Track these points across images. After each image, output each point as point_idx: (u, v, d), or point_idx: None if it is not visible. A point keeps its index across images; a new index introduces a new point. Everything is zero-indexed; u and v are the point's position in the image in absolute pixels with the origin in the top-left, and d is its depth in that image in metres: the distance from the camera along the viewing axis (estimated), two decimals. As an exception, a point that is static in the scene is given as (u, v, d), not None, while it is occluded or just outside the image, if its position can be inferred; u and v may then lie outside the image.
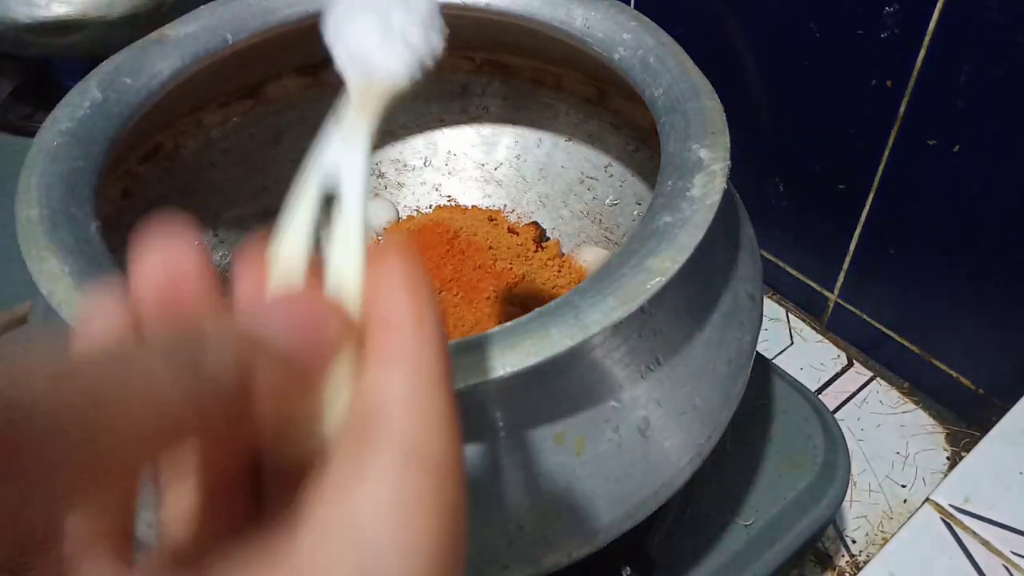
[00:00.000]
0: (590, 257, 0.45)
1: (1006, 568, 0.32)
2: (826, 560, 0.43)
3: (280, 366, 0.12)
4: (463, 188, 0.50)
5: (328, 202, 0.16)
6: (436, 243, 0.43)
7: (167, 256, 0.13)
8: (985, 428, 0.36)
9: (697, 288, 0.29)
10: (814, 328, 0.54)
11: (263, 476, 0.14)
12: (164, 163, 0.43)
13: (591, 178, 0.47)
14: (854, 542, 0.43)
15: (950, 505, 0.34)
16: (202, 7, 0.38)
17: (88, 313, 0.13)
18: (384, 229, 0.48)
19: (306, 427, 0.13)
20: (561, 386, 0.26)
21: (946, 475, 0.36)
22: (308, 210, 0.15)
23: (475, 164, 0.50)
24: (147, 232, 0.14)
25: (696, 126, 0.30)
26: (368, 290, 0.14)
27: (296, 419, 0.13)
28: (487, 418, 0.25)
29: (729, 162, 0.29)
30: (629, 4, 0.50)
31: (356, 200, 0.15)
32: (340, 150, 0.16)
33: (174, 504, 0.13)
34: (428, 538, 0.12)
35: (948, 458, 0.46)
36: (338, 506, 0.12)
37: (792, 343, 0.53)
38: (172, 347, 0.11)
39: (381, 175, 0.50)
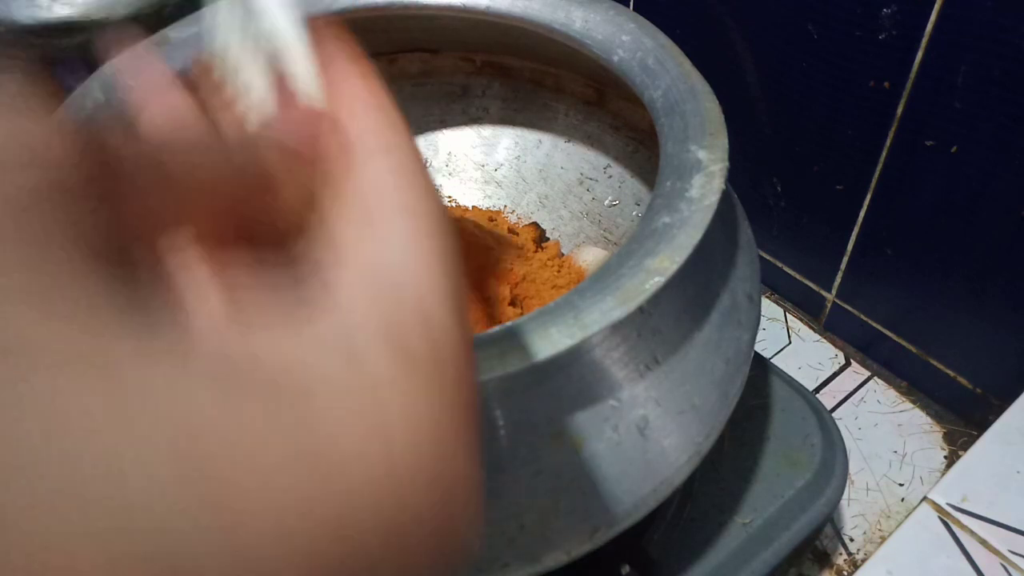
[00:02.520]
0: (589, 257, 0.45)
1: (1003, 567, 0.32)
2: (824, 558, 0.43)
3: (293, 157, 0.15)
4: (463, 189, 0.50)
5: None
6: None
7: (166, 99, 0.16)
8: (983, 427, 0.36)
9: (696, 288, 0.29)
10: (812, 328, 0.54)
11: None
12: (166, 164, 0.43)
13: (590, 179, 0.47)
14: (852, 540, 0.43)
15: (948, 504, 0.34)
16: (204, 10, 0.38)
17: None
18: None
19: (308, 204, 0.15)
20: (560, 385, 0.26)
21: (944, 474, 0.36)
22: (254, 57, 0.17)
23: (475, 165, 0.50)
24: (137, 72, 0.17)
25: (695, 127, 0.30)
26: (329, 89, 0.16)
27: (302, 196, 0.15)
28: (487, 417, 0.25)
29: (727, 163, 0.29)
30: (628, 6, 0.50)
31: (298, 34, 0.17)
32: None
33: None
34: (441, 266, 0.13)
35: (946, 457, 0.47)
36: (357, 252, 0.13)
37: (790, 343, 0.53)
38: (211, 140, 0.14)
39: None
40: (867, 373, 0.51)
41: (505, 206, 0.49)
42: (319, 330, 0.12)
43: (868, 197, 0.46)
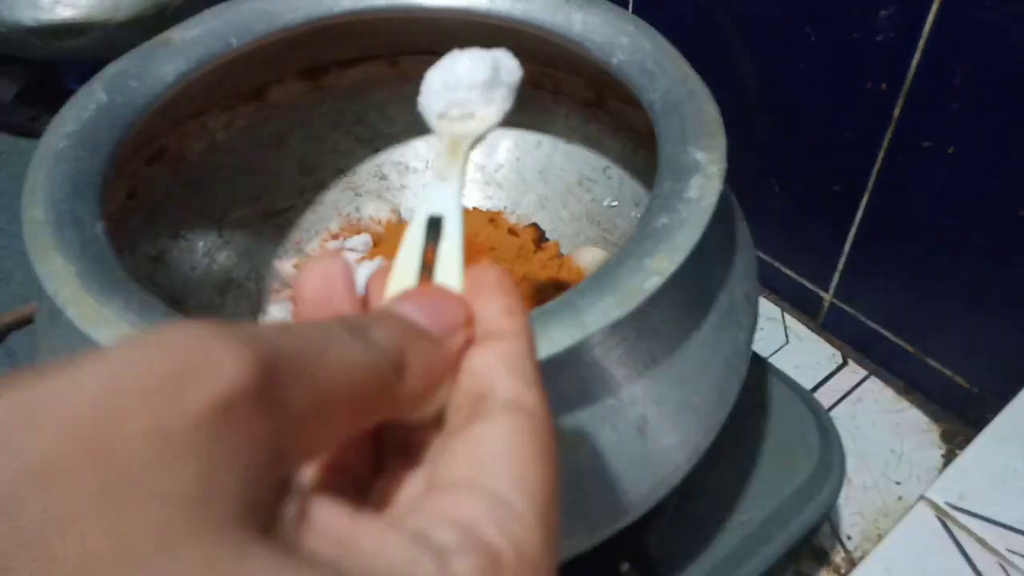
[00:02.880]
0: (589, 258, 0.45)
1: (1001, 566, 0.32)
2: (822, 556, 0.43)
3: (430, 346, 0.15)
4: (464, 190, 0.50)
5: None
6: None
7: (324, 270, 0.17)
8: (980, 426, 0.37)
9: (694, 288, 0.29)
10: (809, 327, 0.54)
11: (381, 443, 0.17)
12: (169, 165, 0.43)
13: (590, 180, 0.48)
14: (850, 538, 0.44)
15: (945, 502, 0.34)
16: (206, 11, 0.38)
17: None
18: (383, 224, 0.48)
19: (437, 398, 0.16)
20: (560, 384, 0.26)
21: (941, 473, 0.36)
22: (416, 239, 0.19)
23: (475, 166, 0.50)
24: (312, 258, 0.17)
25: (693, 129, 0.31)
26: (469, 291, 0.17)
27: (435, 391, 0.15)
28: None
29: (725, 164, 0.29)
30: (627, 9, 0.50)
31: (455, 226, 0.19)
32: (439, 188, 0.20)
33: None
34: (539, 477, 0.14)
35: (943, 456, 0.47)
36: (463, 459, 0.14)
37: (788, 342, 0.53)
38: (352, 325, 0.14)
39: (383, 177, 0.51)
40: (864, 372, 0.51)
41: (505, 207, 0.50)
42: (422, 530, 0.12)
43: (866, 198, 0.46)
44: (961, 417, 0.48)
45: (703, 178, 0.28)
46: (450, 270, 0.18)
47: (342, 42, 0.43)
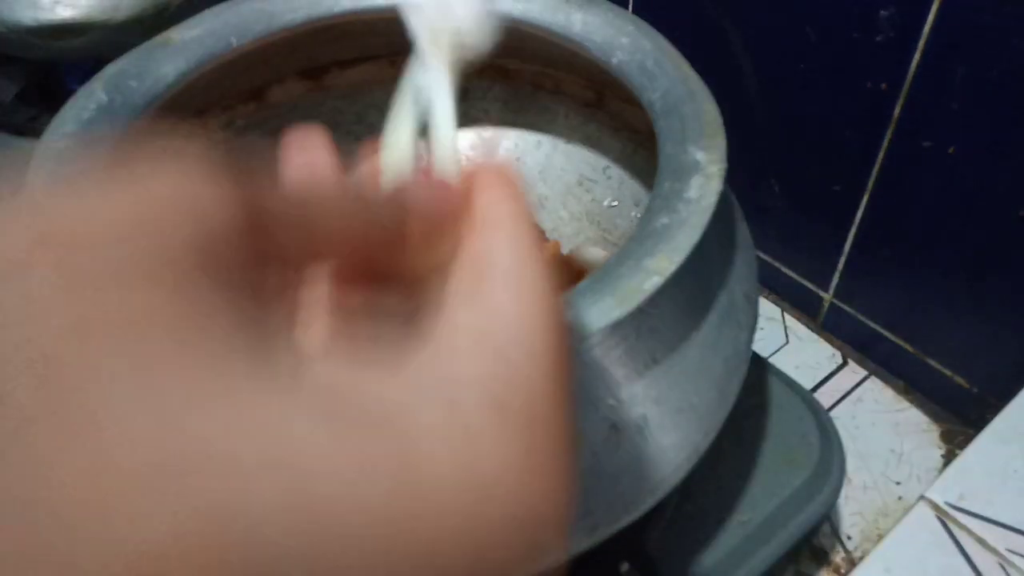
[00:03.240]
0: (589, 258, 0.45)
1: (1001, 565, 0.32)
2: (822, 556, 0.43)
3: (423, 222, 0.16)
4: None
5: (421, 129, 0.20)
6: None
7: (309, 157, 0.18)
8: (980, 426, 0.37)
9: (694, 288, 0.29)
10: (809, 327, 0.54)
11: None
12: (168, 165, 0.43)
13: (590, 180, 0.48)
14: (850, 538, 0.44)
15: (945, 502, 0.34)
16: (206, 11, 0.38)
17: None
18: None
19: (432, 268, 0.16)
20: (560, 384, 0.26)
21: (941, 473, 0.36)
22: (407, 126, 0.19)
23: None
24: (291, 139, 0.18)
25: (693, 129, 0.31)
26: (466, 181, 0.18)
27: (428, 261, 0.16)
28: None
29: (725, 164, 0.29)
30: (627, 9, 0.50)
31: (447, 124, 0.19)
32: (427, 83, 0.20)
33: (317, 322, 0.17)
34: (543, 332, 0.14)
35: (943, 456, 0.47)
36: (464, 312, 0.14)
37: (788, 342, 0.53)
38: (351, 197, 0.15)
39: (382, 177, 0.51)
40: (864, 372, 0.51)
41: (505, 207, 0.49)
42: (424, 378, 0.13)
43: (866, 198, 0.46)
44: (961, 417, 0.48)
45: (703, 178, 0.28)
46: (446, 159, 0.18)
47: (342, 42, 0.43)
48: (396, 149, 0.19)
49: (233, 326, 0.12)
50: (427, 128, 0.20)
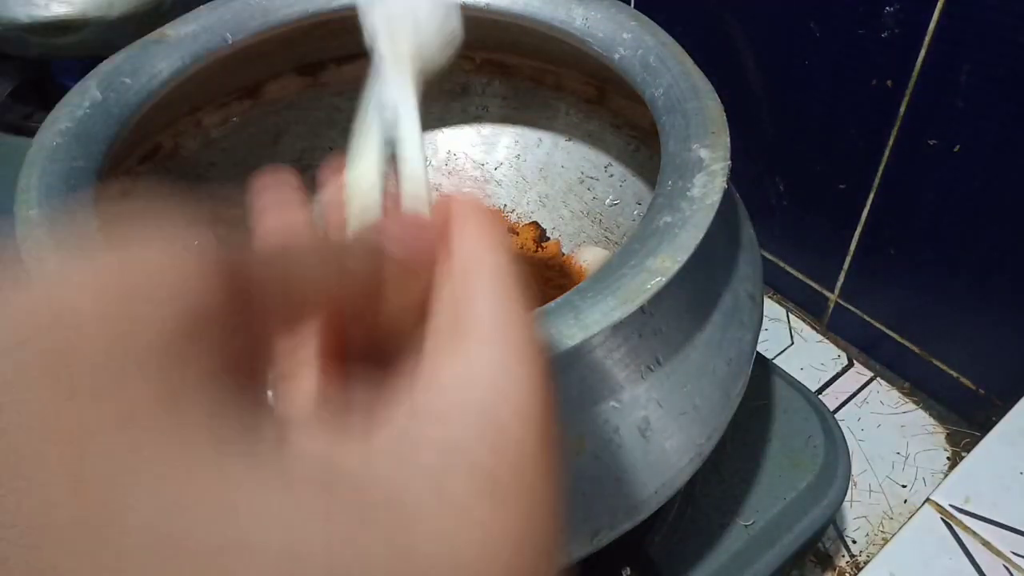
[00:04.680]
0: (590, 257, 0.45)
1: (1007, 568, 0.32)
2: (826, 560, 0.43)
3: (399, 266, 0.16)
4: (463, 188, 0.50)
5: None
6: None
7: (280, 213, 0.17)
8: (985, 428, 0.36)
9: (697, 288, 0.29)
10: (814, 328, 0.54)
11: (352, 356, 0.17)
12: (164, 163, 0.43)
13: (591, 178, 0.47)
14: (854, 542, 0.43)
15: (950, 505, 0.34)
16: (201, 7, 0.38)
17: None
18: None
19: (411, 312, 0.16)
20: (561, 386, 0.26)
21: (946, 475, 0.36)
22: (372, 154, 0.18)
23: (475, 164, 0.50)
24: (260, 185, 0.18)
25: (696, 126, 0.30)
26: (439, 216, 0.17)
27: (406, 305, 0.16)
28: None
29: (729, 162, 0.29)
30: (629, 4, 0.50)
31: (415, 147, 0.18)
32: (391, 101, 0.19)
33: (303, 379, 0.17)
34: (528, 390, 0.14)
35: (948, 458, 0.46)
36: (448, 371, 0.14)
37: (792, 343, 0.53)
38: (324, 248, 0.15)
39: (381, 175, 0.50)
40: (870, 374, 0.51)
41: (505, 205, 0.49)
42: (410, 448, 0.13)
43: (871, 196, 0.46)
44: (967, 419, 0.48)
45: (706, 176, 0.28)
46: (417, 193, 0.17)
47: (338, 38, 0.43)
48: (362, 180, 0.18)
49: (220, 404, 0.12)
50: (393, 151, 0.19)
